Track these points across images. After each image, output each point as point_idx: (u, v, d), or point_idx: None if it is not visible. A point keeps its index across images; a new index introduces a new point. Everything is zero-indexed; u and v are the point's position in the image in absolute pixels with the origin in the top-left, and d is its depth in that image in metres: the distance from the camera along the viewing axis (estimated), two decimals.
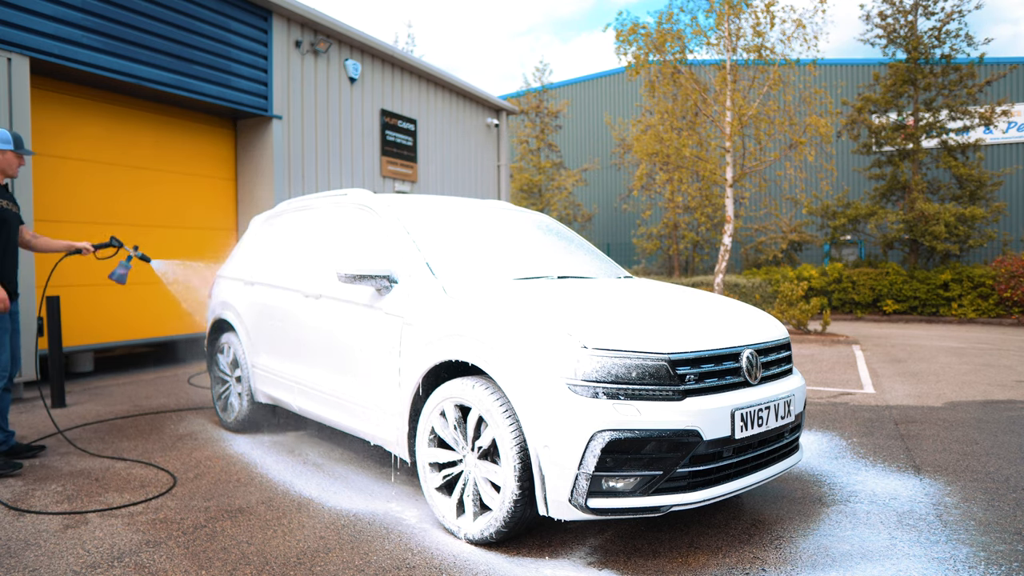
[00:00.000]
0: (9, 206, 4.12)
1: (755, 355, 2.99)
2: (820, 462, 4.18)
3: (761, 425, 2.86)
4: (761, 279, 16.60)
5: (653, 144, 14.60)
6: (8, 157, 4.07)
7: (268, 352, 4.45)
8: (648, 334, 2.78)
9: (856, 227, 18.14)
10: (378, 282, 3.42)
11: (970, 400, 6.18)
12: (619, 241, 24.18)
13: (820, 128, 13.21)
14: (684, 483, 2.67)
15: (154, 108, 8.13)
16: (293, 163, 9.42)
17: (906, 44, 17.22)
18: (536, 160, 23.54)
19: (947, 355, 9.39)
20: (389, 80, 11.37)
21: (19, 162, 4.13)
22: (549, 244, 4.26)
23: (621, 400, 2.60)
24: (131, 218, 7.82)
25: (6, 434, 4.17)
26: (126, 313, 7.72)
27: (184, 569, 2.68)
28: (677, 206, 19.65)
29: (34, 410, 5.59)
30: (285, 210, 4.94)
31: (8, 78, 6.01)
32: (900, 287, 16.47)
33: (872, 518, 3.24)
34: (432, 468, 3.13)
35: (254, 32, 8.72)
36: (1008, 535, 3.04)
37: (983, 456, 4.32)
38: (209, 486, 3.68)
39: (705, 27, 13.38)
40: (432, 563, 2.74)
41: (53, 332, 5.69)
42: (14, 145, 4.06)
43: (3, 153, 4.06)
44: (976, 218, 16.27)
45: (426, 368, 3.14)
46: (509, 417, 2.77)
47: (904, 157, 17.66)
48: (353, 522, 3.18)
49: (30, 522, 3.15)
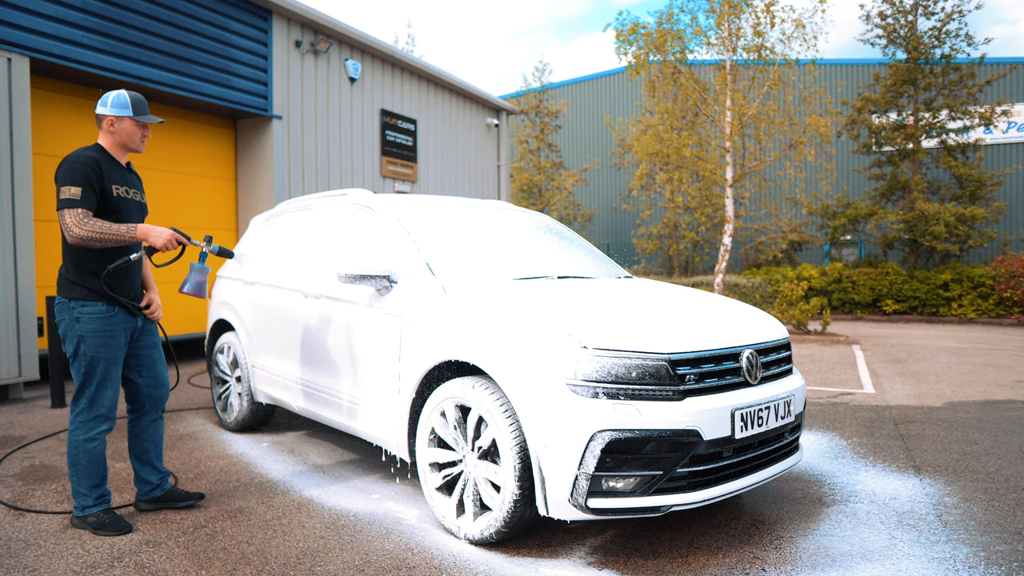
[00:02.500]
0: (128, 193, 3.11)
1: (755, 355, 2.99)
2: (820, 462, 4.18)
3: (761, 425, 2.86)
4: (761, 279, 16.61)
5: (653, 144, 14.60)
6: (126, 126, 3.06)
7: (268, 352, 4.45)
8: (648, 334, 2.78)
9: (856, 227, 18.14)
10: (378, 282, 3.42)
11: (970, 400, 6.18)
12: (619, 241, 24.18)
13: (820, 128, 13.21)
14: (684, 483, 2.67)
15: (154, 108, 8.13)
16: (293, 163, 9.42)
17: (906, 44, 17.23)
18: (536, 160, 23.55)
19: (947, 355, 9.39)
20: (389, 80, 11.37)
21: (142, 132, 3.12)
22: (549, 244, 4.26)
23: (621, 400, 2.60)
24: None
25: (160, 476, 3.34)
26: None
27: (184, 569, 2.68)
28: (677, 206, 19.65)
29: (34, 410, 5.59)
30: (285, 210, 4.94)
31: (8, 78, 6.00)
32: (900, 287, 16.47)
33: (872, 518, 3.24)
34: (432, 468, 3.13)
35: (254, 32, 8.72)
36: (1008, 535, 3.04)
37: (983, 456, 4.32)
38: (209, 486, 3.68)
39: (705, 27, 13.40)
40: (432, 563, 2.74)
41: (53, 332, 5.69)
42: (133, 111, 3.06)
43: (119, 120, 3.05)
44: (976, 218, 16.28)
45: (426, 368, 3.14)
46: (509, 417, 2.77)
47: (904, 157, 17.66)
48: (353, 522, 3.18)
49: (30, 522, 3.15)
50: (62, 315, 3.01)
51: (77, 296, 2.99)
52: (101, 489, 3.09)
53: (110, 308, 3.03)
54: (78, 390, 3.02)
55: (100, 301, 3.00)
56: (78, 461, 3.03)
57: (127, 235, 2.92)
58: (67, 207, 2.86)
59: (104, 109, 3.04)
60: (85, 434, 3.02)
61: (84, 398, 3.01)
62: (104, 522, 3.03)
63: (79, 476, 3.04)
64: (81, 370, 2.99)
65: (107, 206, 2.99)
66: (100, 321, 3.00)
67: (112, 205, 3.01)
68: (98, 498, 3.08)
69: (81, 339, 2.98)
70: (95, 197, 2.93)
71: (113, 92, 3.06)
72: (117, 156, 3.10)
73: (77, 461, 3.03)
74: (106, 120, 3.05)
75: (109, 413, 3.08)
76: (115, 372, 3.06)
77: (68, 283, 3.01)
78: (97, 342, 2.98)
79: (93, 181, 2.91)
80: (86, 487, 3.05)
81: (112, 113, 3.03)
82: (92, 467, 3.05)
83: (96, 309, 2.99)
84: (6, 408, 5.67)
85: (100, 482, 3.08)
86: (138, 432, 3.28)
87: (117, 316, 3.05)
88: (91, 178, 2.91)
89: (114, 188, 3.02)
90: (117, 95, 3.05)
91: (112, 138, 3.08)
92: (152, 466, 3.30)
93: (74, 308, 2.98)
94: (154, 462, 3.30)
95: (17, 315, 6.03)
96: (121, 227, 2.91)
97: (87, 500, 3.06)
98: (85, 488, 3.05)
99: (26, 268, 6.08)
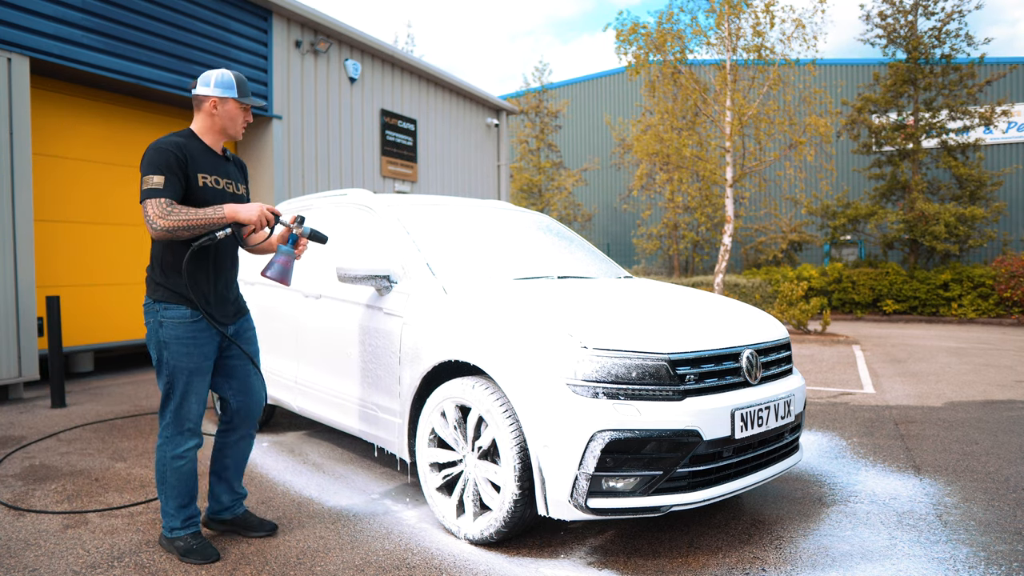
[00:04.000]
0: (219, 184, 2.78)
1: (755, 355, 2.99)
2: (820, 462, 4.18)
3: (761, 425, 2.86)
4: (761, 279, 16.61)
5: (653, 144, 14.61)
6: (230, 108, 2.78)
7: (268, 352, 4.45)
8: (648, 334, 2.78)
9: (856, 227, 18.14)
10: (378, 282, 3.42)
11: (970, 400, 6.18)
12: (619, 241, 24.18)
13: (820, 128, 13.21)
14: (684, 483, 2.67)
15: (154, 108, 8.13)
16: (293, 163, 9.42)
17: (906, 44, 17.23)
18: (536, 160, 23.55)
19: (947, 355, 9.39)
20: (389, 80, 11.37)
21: (244, 116, 2.84)
22: (549, 244, 4.26)
23: (621, 400, 2.60)
24: (130, 218, 7.82)
25: (234, 497, 3.04)
26: (126, 313, 7.72)
27: (184, 569, 2.68)
28: (677, 206, 19.66)
29: (34, 410, 5.59)
30: (285, 210, 4.93)
31: (8, 78, 6.00)
32: (900, 287, 16.46)
33: (872, 518, 3.24)
34: (432, 468, 3.13)
35: (254, 32, 8.72)
36: (1008, 535, 3.04)
37: (983, 456, 4.32)
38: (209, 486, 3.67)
39: (705, 27, 13.40)
40: (432, 563, 2.74)
41: (53, 332, 5.69)
42: (238, 91, 2.78)
43: (223, 102, 2.76)
44: (976, 218, 16.28)
45: (426, 368, 3.14)
46: (509, 417, 2.77)
47: (904, 157, 17.66)
48: (353, 522, 3.18)
49: (30, 522, 3.15)
50: (147, 318, 2.74)
51: (160, 298, 2.70)
52: (190, 510, 2.84)
53: (195, 312, 2.71)
54: (163, 401, 2.75)
55: (184, 304, 2.69)
56: (166, 479, 2.77)
57: (215, 217, 2.59)
58: (149, 197, 2.54)
59: (207, 89, 2.74)
60: (173, 450, 2.75)
61: (168, 411, 2.74)
62: (191, 548, 2.77)
63: (167, 495, 2.79)
64: (164, 380, 2.72)
65: (191, 198, 2.66)
66: (183, 327, 2.69)
67: (197, 196, 2.67)
68: (186, 520, 2.82)
69: (163, 346, 2.68)
70: (180, 185, 2.61)
71: (215, 71, 2.76)
72: (212, 142, 2.79)
73: (165, 479, 2.77)
74: (209, 101, 2.74)
75: (196, 428, 2.79)
76: (200, 384, 2.76)
77: (152, 283, 2.74)
78: (179, 350, 2.68)
79: (175, 168, 2.60)
80: (174, 507, 2.80)
81: (216, 94, 2.73)
82: (181, 486, 2.79)
83: (179, 313, 2.68)
84: (6, 408, 5.68)
85: (189, 502, 2.83)
86: (223, 447, 3.00)
87: (203, 321, 2.73)
88: (173, 165, 2.59)
89: (200, 177, 2.68)
90: (221, 74, 2.75)
91: (211, 121, 2.77)
92: (229, 485, 3.02)
93: (157, 311, 2.69)
94: (232, 481, 3.02)
95: (17, 315, 6.03)
96: (207, 210, 2.59)
97: (175, 522, 2.81)
98: (173, 508, 2.81)
99: (26, 268, 6.08)
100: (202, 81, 2.75)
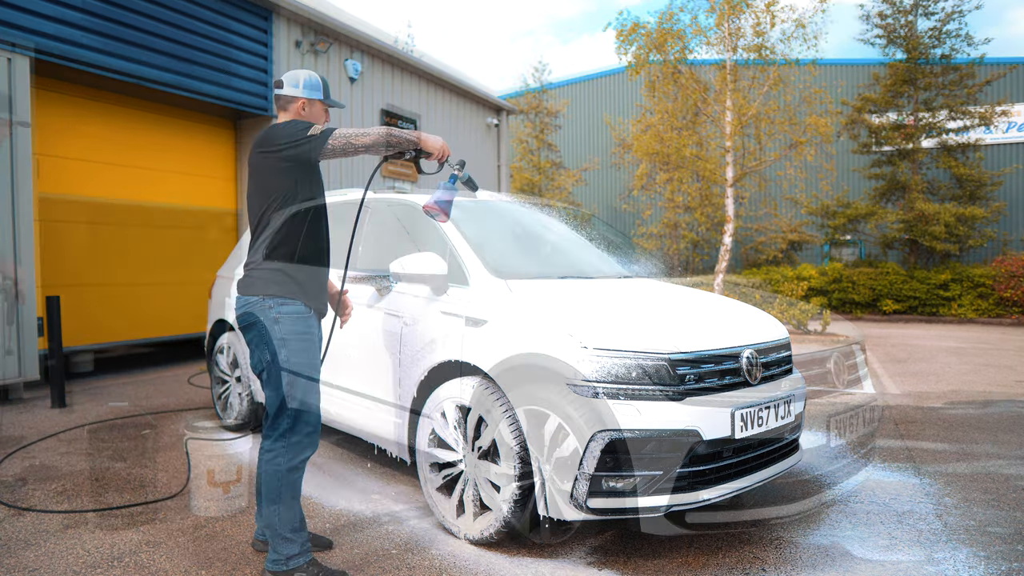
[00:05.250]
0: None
1: (755, 355, 2.99)
2: (820, 462, 4.18)
3: (761, 425, 2.86)
4: (761, 279, 16.60)
5: (653, 144, 14.61)
6: (317, 110, 2.77)
7: None
8: (648, 334, 2.78)
9: (855, 227, 18.13)
10: (378, 282, 3.42)
11: (970, 400, 6.18)
12: None
13: (820, 128, 13.20)
14: (684, 483, 2.67)
15: (155, 108, 8.13)
16: None
17: (906, 44, 17.22)
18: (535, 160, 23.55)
19: (947, 355, 9.40)
20: (389, 79, 11.37)
21: (326, 117, 2.82)
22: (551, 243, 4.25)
23: (621, 400, 2.60)
24: (130, 218, 7.82)
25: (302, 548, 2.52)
26: (126, 313, 7.72)
27: (184, 569, 2.68)
28: (677, 206, 19.64)
29: (34, 410, 5.59)
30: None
31: (9, 78, 6.00)
32: (899, 287, 16.46)
33: (872, 518, 3.24)
34: (432, 468, 3.13)
35: (255, 32, 8.71)
36: (1008, 535, 3.04)
37: (983, 456, 4.32)
38: (208, 486, 3.67)
39: (705, 27, 13.38)
40: (432, 563, 2.74)
41: (53, 332, 5.69)
42: (324, 94, 2.78)
43: (311, 104, 2.75)
44: (975, 218, 16.27)
45: (426, 368, 3.14)
46: (509, 417, 2.77)
47: (903, 157, 17.65)
48: (353, 522, 3.18)
49: (30, 522, 3.15)
50: (256, 316, 2.51)
51: (275, 292, 2.51)
52: (305, 531, 2.54)
53: (307, 308, 2.56)
54: (278, 408, 2.47)
55: (299, 299, 2.53)
56: (281, 496, 2.45)
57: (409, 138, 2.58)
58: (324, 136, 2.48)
59: (296, 91, 2.71)
60: (289, 461, 2.46)
61: (286, 417, 2.46)
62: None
63: (281, 516, 2.45)
64: (282, 382, 2.46)
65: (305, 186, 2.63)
66: (301, 322, 2.53)
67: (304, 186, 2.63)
68: (304, 544, 2.50)
69: (283, 343, 2.48)
70: None
71: (301, 73, 2.73)
72: None
73: (280, 496, 2.45)
74: (298, 103, 2.71)
75: (315, 432, 2.54)
76: (317, 384, 2.58)
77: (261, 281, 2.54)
78: (299, 347, 2.50)
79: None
80: (289, 529, 2.46)
81: (306, 95, 2.71)
82: (295, 503, 2.50)
83: (296, 308, 2.52)
84: (6, 408, 5.68)
85: (302, 523, 2.53)
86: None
87: (315, 317, 2.62)
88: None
89: None
90: (308, 76, 2.73)
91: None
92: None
93: (271, 308, 2.49)
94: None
95: (17, 315, 6.03)
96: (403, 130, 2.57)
97: (292, 548, 2.46)
98: (289, 531, 2.46)
99: (27, 268, 6.08)
100: (290, 82, 2.72)
